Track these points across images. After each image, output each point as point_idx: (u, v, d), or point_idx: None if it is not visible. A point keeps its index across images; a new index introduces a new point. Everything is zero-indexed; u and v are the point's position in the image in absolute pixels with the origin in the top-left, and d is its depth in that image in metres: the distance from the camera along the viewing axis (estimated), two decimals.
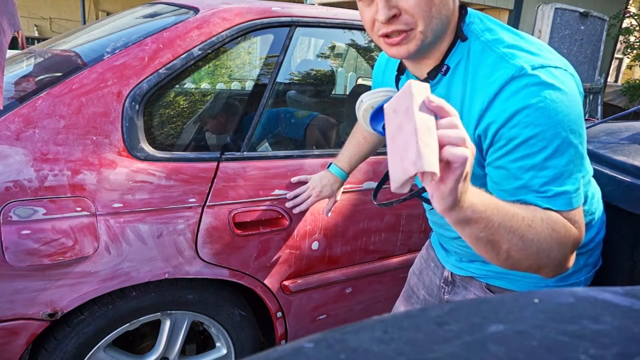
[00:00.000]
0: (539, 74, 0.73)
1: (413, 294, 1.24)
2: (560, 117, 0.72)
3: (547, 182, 0.73)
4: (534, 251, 0.70)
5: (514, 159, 0.75)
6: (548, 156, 0.73)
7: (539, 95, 0.72)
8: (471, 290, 1.06)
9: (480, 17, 0.85)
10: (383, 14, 0.75)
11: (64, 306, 1.14)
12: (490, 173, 0.81)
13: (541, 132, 0.72)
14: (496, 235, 0.66)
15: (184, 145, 1.38)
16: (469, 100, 0.81)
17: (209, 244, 1.28)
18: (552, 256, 0.72)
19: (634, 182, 1.09)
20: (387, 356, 0.32)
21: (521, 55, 0.77)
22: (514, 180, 0.76)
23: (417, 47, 0.78)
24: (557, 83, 0.73)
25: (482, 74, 0.79)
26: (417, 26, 0.76)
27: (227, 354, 1.48)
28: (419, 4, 0.74)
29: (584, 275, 1.00)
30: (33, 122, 1.09)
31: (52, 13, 10.87)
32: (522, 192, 0.76)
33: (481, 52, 0.81)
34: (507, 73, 0.75)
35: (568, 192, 0.74)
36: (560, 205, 0.74)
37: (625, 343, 0.34)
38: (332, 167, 1.33)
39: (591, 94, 6.62)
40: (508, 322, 0.36)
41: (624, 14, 8.79)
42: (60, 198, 1.09)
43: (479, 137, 0.80)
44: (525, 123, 0.73)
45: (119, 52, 1.22)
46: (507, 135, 0.75)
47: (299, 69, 2.20)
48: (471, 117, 0.80)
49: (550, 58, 0.78)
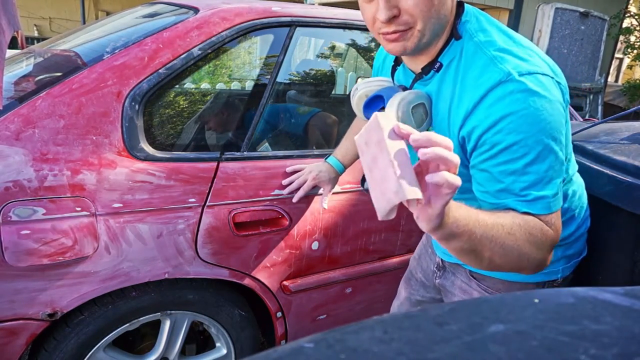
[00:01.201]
0: (525, 80, 0.75)
1: (412, 276, 1.29)
2: (542, 125, 0.74)
3: (527, 187, 0.77)
4: (515, 256, 0.74)
5: (496, 163, 0.77)
6: (529, 162, 0.75)
7: (523, 102, 0.74)
8: (458, 276, 1.10)
9: (477, 16, 0.86)
10: (384, 14, 0.76)
11: (64, 306, 1.14)
12: (475, 175, 0.83)
13: (523, 139, 0.74)
14: (478, 246, 0.70)
15: (184, 145, 1.38)
16: (457, 100, 0.82)
17: (209, 244, 1.28)
18: (531, 259, 0.76)
19: (634, 182, 1.09)
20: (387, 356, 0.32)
21: (510, 59, 0.78)
22: (496, 183, 0.79)
23: (414, 45, 0.80)
24: (541, 91, 0.75)
25: (472, 75, 0.80)
26: (415, 25, 0.78)
27: (227, 354, 1.48)
28: (419, 5, 0.76)
29: (562, 266, 1.03)
30: (33, 122, 1.09)
31: (51, 13, 10.87)
32: (503, 195, 0.79)
33: (473, 52, 0.82)
34: (494, 77, 0.77)
35: (546, 196, 0.77)
36: (539, 209, 0.77)
37: (625, 343, 0.34)
38: (329, 159, 1.36)
39: (591, 93, 6.62)
40: (508, 322, 0.36)
41: (624, 13, 8.79)
42: (60, 198, 1.09)
43: (463, 139, 0.82)
44: (508, 130, 0.75)
45: (118, 52, 1.22)
46: (491, 140, 0.77)
47: (299, 69, 2.20)
48: (458, 117, 0.82)
49: (539, 65, 0.79)
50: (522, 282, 1.01)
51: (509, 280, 1.01)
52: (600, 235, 1.16)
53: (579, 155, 1.30)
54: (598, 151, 1.27)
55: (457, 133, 0.82)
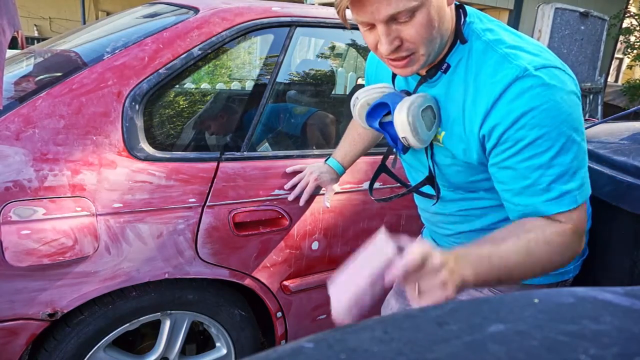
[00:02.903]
0: (542, 75, 0.76)
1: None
2: (564, 117, 0.75)
3: (554, 180, 0.77)
4: (539, 268, 0.77)
5: (522, 159, 0.78)
6: (554, 155, 0.76)
7: (543, 96, 0.75)
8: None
9: (480, 17, 0.87)
10: (386, 49, 0.77)
11: (64, 306, 1.14)
12: (496, 174, 0.83)
13: (547, 132, 0.75)
14: (502, 278, 0.74)
15: (184, 145, 1.38)
16: (472, 100, 0.82)
17: (209, 244, 1.28)
18: (554, 263, 0.79)
19: (634, 182, 1.09)
20: (387, 356, 0.32)
21: (523, 55, 0.79)
22: (522, 180, 0.79)
23: (420, 66, 0.82)
24: (559, 84, 0.76)
25: (485, 74, 0.80)
26: (418, 50, 0.79)
27: (227, 354, 1.48)
28: (419, 32, 0.76)
29: (572, 265, 1.04)
30: (33, 122, 1.09)
31: (51, 13, 10.87)
32: (529, 192, 0.79)
33: (483, 51, 0.82)
34: (511, 73, 0.77)
35: (572, 190, 0.78)
36: (567, 204, 0.78)
37: (625, 343, 0.34)
38: (329, 160, 1.36)
39: (591, 94, 6.62)
40: (508, 322, 0.36)
41: (624, 13, 8.79)
42: (60, 198, 1.09)
43: (483, 137, 0.82)
44: (531, 125, 0.75)
45: (119, 52, 1.22)
46: (514, 137, 0.77)
47: (299, 69, 2.20)
48: (475, 116, 0.82)
49: (550, 59, 0.80)
50: (537, 284, 1.01)
51: (523, 283, 1.00)
52: (600, 235, 1.16)
53: None
54: (598, 151, 1.27)
55: (478, 132, 0.82)
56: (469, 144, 0.84)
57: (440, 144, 0.90)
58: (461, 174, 0.91)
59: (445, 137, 0.88)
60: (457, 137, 0.86)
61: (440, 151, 0.91)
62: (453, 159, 0.90)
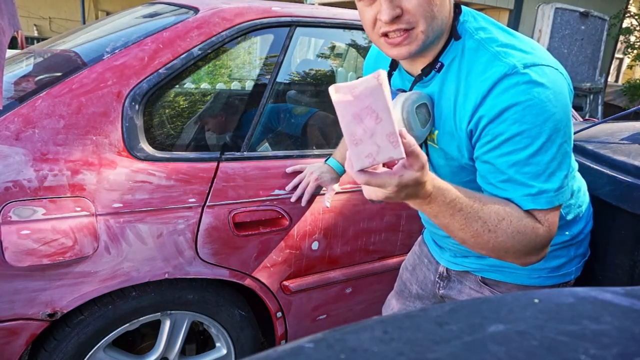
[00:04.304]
0: (530, 72, 0.75)
1: (405, 288, 1.26)
2: (546, 116, 0.74)
3: (529, 178, 0.77)
4: (496, 248, 0.77)
5: (499, 154, 0.78)
6: (532, 153, 0.75)
7: (528, 93, 0.74)
8: (466, 284, 1.08)
9: (474, 16, 0.87)
10: (387, 14, 0.76)
11: (64, 306, 1.14)
12: (478, 167, 0.84)
13: (527, 129, 0.75)
14: (456, 233, 0.76)
15: (184, 145, 1.38)
16: (462, 97, 0.82)
17: (209, 244, 1.28)
18: (512, 253, 0.78)
19: (634, 182, 1.09)
20: (387, 356, 0.32)
21: (514, 53, 0.78)
22: (499, 174, 0.79)
23: (418, 47, 0.80)
24: (546, 82, 0.75)
25: (476, 72, 0.81)
26: (418, 25, 0.78)
27: (227, 354, 1.48)
28: (422, 4, 0.76)
29: (575, 266, 1.03)
30: (33, 122, 1.09)
31: (51, 13, 10.87)
32: (507, 186, 0.79)
33: (475, 50, 0.82)
34: (499, 71, 0.77)
35: (548, 190, 0.77)
36: (542, 203, 0.77)
37: (625, 343, 0.34)
38: (329, 160, 1.36)
39: (591, 93, 6.62)
40: (508, 322, 0.36)
41: (624, 13, 8.79)
42: (60, 198, 1.09)
43: (470, 132, 0.82)
44: (512, 120, 0.75)
45: (118, 52, 1.22)
46: (494, 131, 0.77)
47: (299, 69, 2.20)
48: (465, 112, 0.82)
49: (543, 57, 0.79)
50: (538, 286, 1.00)
51: (524, 285, 1.00)
52: (600, 235, 1.16)
53: (579, 155, 1.30)
54: (598, 151, 1.27)
55: (466, 128, 0.82)
56: (460, 141, 0.85)
57: (434, 144, 0.90)
58: (455, 175, 0.91)
59: (439, 135, 0.88)
60: (449, 135, 0.86)
61: (435, 151, 0.92)
62: (446, 159, 0.90)
